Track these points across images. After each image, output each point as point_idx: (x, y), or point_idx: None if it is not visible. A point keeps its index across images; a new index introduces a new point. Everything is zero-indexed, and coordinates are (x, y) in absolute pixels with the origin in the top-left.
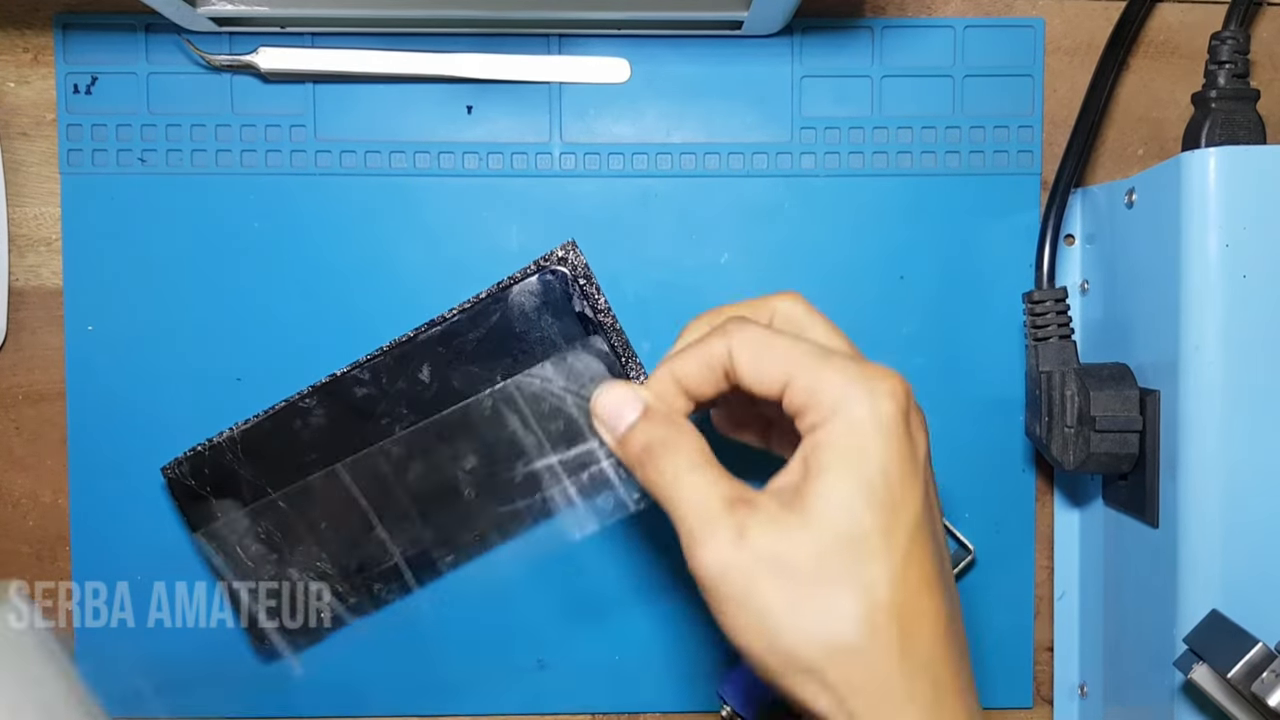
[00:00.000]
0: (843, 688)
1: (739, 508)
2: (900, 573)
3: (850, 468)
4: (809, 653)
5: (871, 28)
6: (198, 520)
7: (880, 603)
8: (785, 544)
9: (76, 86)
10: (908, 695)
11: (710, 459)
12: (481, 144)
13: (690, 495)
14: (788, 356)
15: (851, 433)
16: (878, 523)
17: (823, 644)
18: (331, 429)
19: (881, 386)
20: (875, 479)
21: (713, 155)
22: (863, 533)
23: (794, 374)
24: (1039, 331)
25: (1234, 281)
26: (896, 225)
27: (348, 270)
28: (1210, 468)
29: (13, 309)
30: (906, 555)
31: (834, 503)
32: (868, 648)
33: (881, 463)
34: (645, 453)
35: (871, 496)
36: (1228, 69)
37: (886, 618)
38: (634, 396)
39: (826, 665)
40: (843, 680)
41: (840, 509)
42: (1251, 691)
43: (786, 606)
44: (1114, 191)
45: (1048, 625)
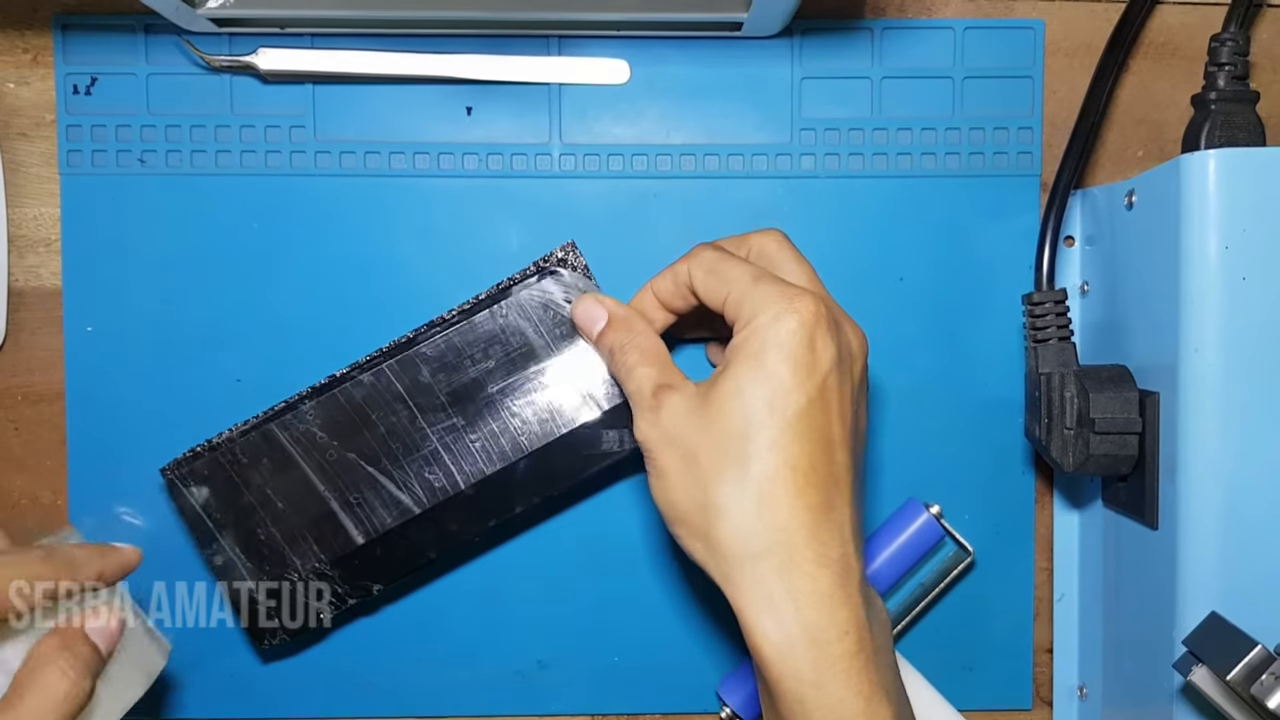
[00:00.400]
0: (711, 540)
1: (662, 393)
2: (765, 455)
3: (747, 366)
4: (688, 509)
5: (871, 29)
6: (197, 521)
7: (747, 475)
8: (685, 423)
9: (76, 87)
10: (762, 552)
11: (657, 356)
12: (481, 145)
13: (635, 384)
14: (729, 277)
15: (755, 338)
16: (756, 413)
17: (698, 503)
18: (330, 430)
19: (792, 305)
20: (763, 377)
21: (712, 156)
22: (744, 420)
23: (731, 290)
24: (1038, 333)
25: (1233, 283)
26: (896, 226)
27: (347, 271)
28: (1210, 470)
29: (12, 309)
30: (773, 443)
31: (725, 392)
32: (731, 510)
33: (773, 365)
34: (611, 352)
35: (756, 391)
36: (1227, 71)
37: (748, 489)
38: (600, 308)
39: (700, 520)
40: (711, 534)
41: (730, 397)
42: (1251, 694)
43: (679, 472)
44: (1114, 193)
45: (1047, 627)
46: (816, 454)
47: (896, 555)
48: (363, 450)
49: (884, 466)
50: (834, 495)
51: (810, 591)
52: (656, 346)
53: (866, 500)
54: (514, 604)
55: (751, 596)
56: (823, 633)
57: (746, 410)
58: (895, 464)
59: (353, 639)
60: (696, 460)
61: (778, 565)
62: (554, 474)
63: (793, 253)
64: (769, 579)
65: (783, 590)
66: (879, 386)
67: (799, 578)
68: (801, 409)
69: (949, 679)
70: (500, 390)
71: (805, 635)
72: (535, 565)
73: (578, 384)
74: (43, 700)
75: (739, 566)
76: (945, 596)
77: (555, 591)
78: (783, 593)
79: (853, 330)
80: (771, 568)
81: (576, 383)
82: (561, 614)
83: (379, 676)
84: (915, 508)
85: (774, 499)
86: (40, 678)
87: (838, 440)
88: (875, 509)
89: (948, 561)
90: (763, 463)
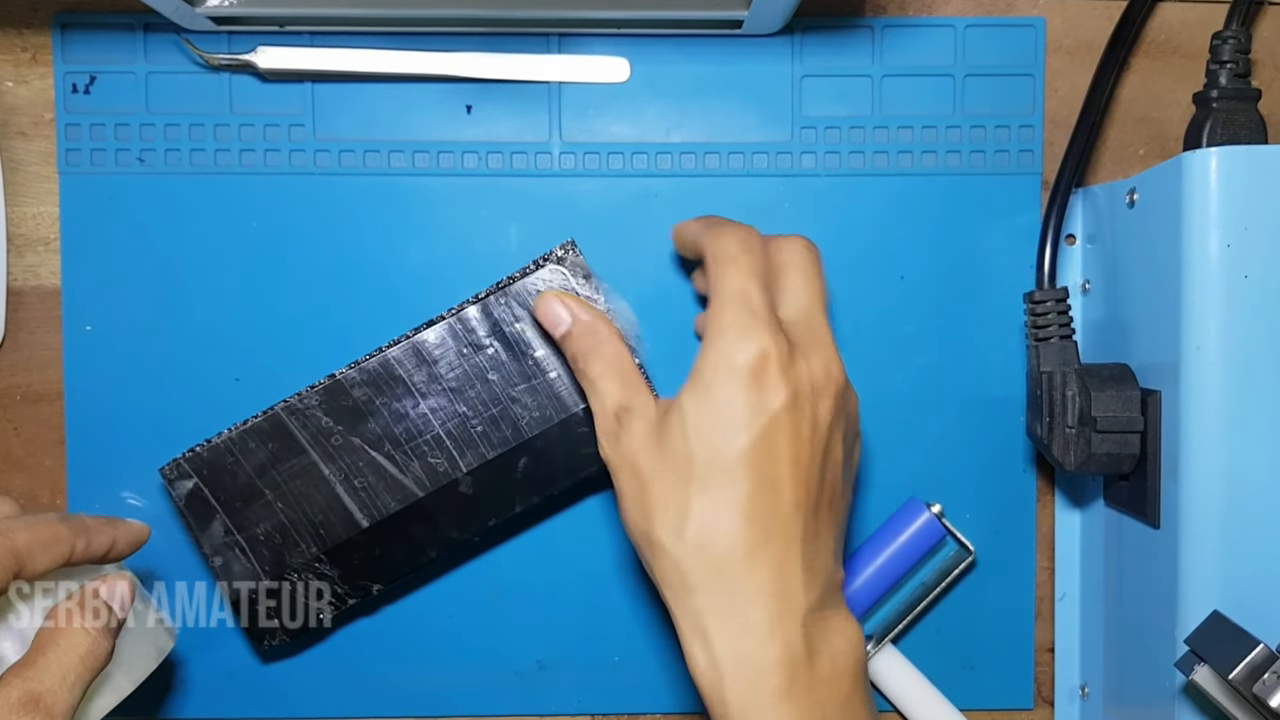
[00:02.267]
0: (653, 569)
1: (624, 416)
2: (704, 493)
3: (695, 397)
4: (639, 535)
5: (872, 27)
6: (196, 522)
7: (686, 512)
8: (641, 449)
9: (75, 86)
10: (696, 586)
11: (619, 368)
12: (481, 143)
13: (598, 400)
14: (718, 281)
15: (709, 366)
16: (699, 450)
17: (643, 532)
18: (335, 415)
19: (746, 339)
20: (709, 411)
21: (713, 155)
22: (687, 455)
23: (712, 297)
24: (1040, 332)
25: (1235, 282)
26: (897, 225)
27: (346, 270)
28: (1211, 468)
29: (11, 309)
30: (713, 482)
31: (674, 423)
32: (668, 546)
33: (720, 399)
34: (573, 358)
35: (701, 425)
36: (1229, 69)
37: (686, 526)
38: (564, 311)
39: (645, 549)
40: (653, 564)
41: (677, 429)
42: (1253, 693)
43: (633, 498)
44: (1115, 191)
45: (1048, 626)
46: (757, 494)
47: (897, 555)
48: (366, 435)
49: (884, 466)
50: (774, 533)
51: (742, 625)
52: (619, 356)
53: (867, 500)
54: (514, 604)
55: (687, 626)
56: (752, 665)
57: (690, 446)
58: (896, 463)
59: (353, 639)
60: (649, 489)
61: (711, 598)
62: (553, 473)
63: (802, 268)
64: (704, 611)
65: (715, 623)
66: (880, 385)
67: (731, 612)
68: (743, 450)
69: (950, 678)
70: (501, 378)
71: (735, 667)
72: (535, 565)
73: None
74: (65, 656)
75: (676, 597)
76: (946, 596)
77: (555, 591)
78: (715, 625)
79: (824, 365)
80: (705, 600)
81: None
82: (561, 614)
83: (379, 676)
84: (916, 507)
85: (711, 536)
86: (62, 635)
87: (786, 480)
88: (876, 509)
89: (948, 561)
90: (701, 500)
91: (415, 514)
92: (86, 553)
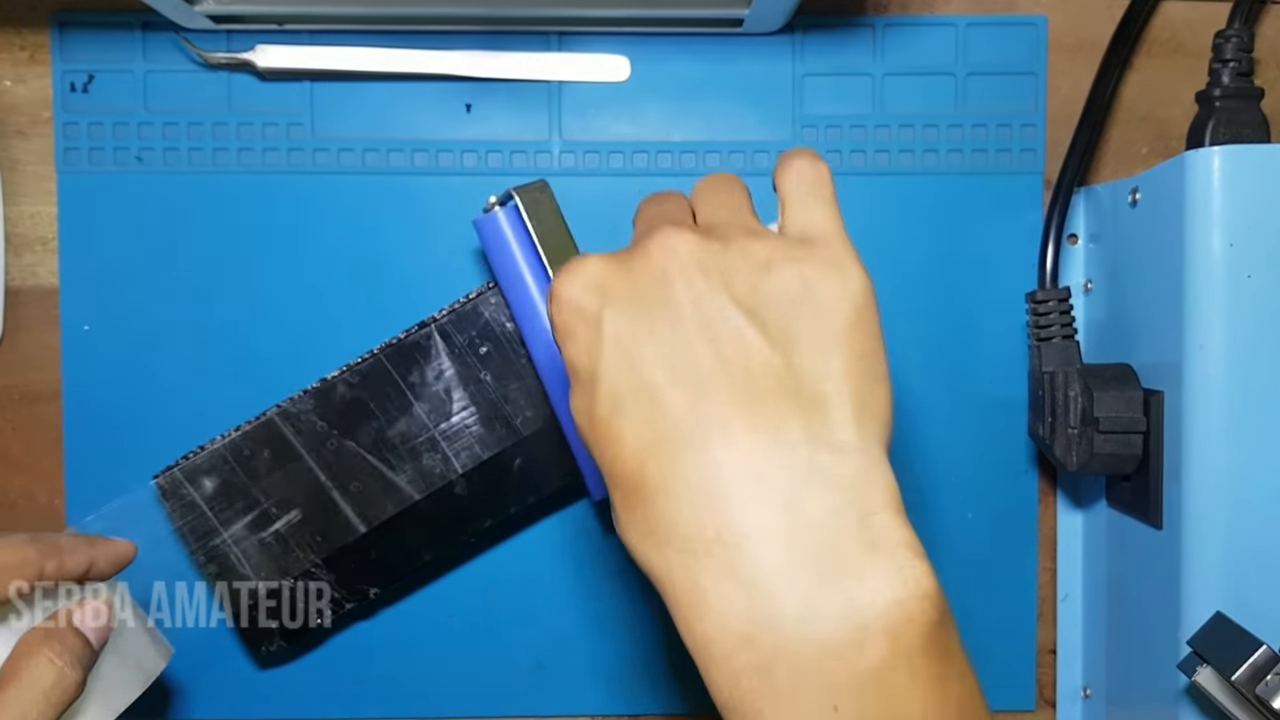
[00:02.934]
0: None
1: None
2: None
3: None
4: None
5: (873, 25)
6: (191, 530)
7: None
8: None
9: (73, 85)
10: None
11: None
12: (480, 142)
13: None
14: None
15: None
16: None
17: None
18: (324, 434)
19: (556, 284)
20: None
21: (713, 154)
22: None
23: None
24: (1042, 331)
25: (1238, 281)
26: (898, 224)
27: (345, 269)
28: (1214, 469)
29: (9, 308)
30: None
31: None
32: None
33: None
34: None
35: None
36: (1232, 67)
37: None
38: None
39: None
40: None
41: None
42: (1256, 694)
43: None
44: (1118, 191)
45: (1051, 627)
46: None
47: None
48: (361, 438)
49: None
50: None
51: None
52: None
53: None
54: (512, 605)
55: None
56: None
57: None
58: (896, 463)
59: (352, 640)
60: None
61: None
62: (548, 471)
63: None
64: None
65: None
66: None
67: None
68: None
69: None
70: (494, 377)
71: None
72: (532, 566)
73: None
74: (30, 688)
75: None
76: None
77: (553, 592)
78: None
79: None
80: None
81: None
82: (560, 614)
83: (378, 677)
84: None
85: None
86: (27, 665)
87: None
88: None
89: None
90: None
91: (411, 517)
92: (59, 574)
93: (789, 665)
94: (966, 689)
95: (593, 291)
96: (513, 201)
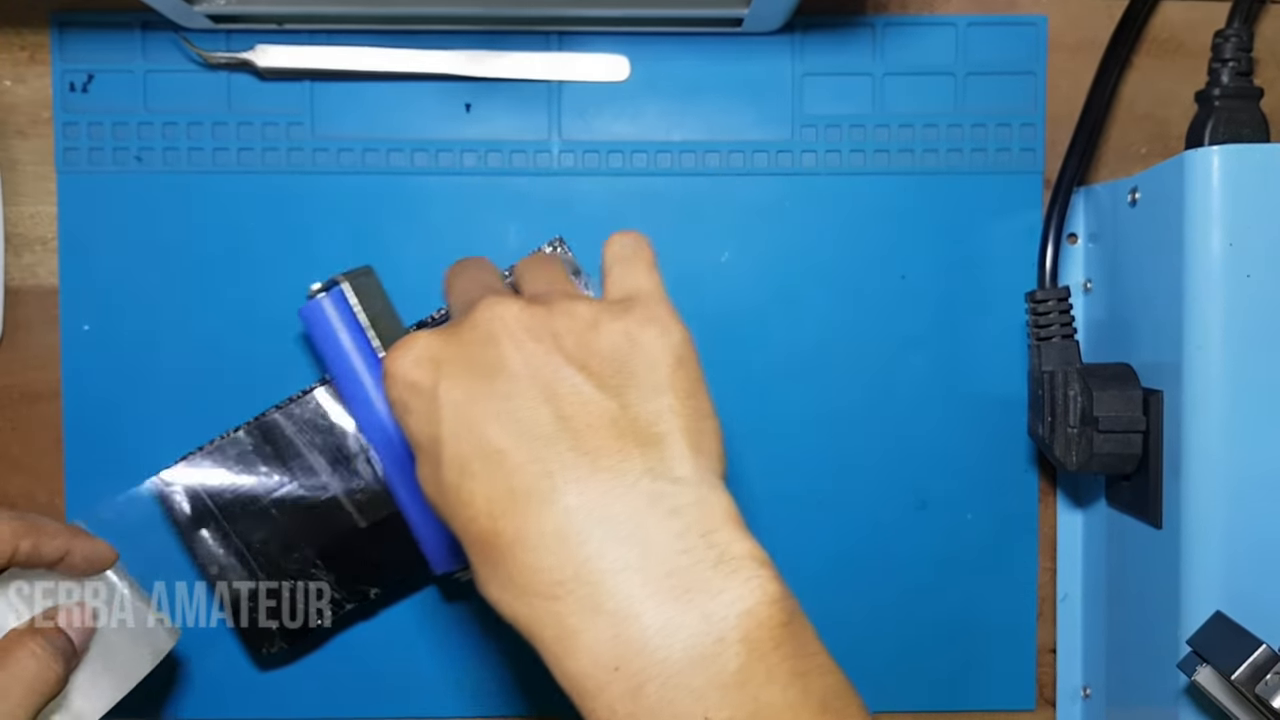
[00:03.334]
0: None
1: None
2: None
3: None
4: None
5: (873, 25)
6: (191, 530)
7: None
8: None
9: (73, 85)
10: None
11: None
12: (480, 142)
13: None
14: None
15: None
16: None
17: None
18: (327, 431)
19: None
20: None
21: (713, 154)
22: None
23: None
24: (1042, 331)
25: (1237, 280)
26: (898, 224)
27: (345, 269)
28: (1214, 468)
29: (9, 308)
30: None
31: None
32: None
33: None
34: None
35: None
36: (1231, 67)
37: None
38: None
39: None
40: None
41: None
42: (1255, 694)
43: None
44: (1117, 190)
45: (1050, 627)
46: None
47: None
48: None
49: (885, 466)
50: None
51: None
52: None
53: (867, 501)
54: None
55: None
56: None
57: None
58: (896, 463)
59: (352, 640)
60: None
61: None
62: None
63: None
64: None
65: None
66: (880, 384)
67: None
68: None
69: (950, 679)
70: None
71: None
72: None
73: None
74: (11, 680)
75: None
76: (947, 596)
77: None
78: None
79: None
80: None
81: None
82: None
83: (379, 677)
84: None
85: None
86: (9, 658)
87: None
88: (876, 509)
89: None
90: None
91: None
92: (33, 555)
93: (658, 684)
94: (828, 681)
95: (426, 365)
96: (338, 287)
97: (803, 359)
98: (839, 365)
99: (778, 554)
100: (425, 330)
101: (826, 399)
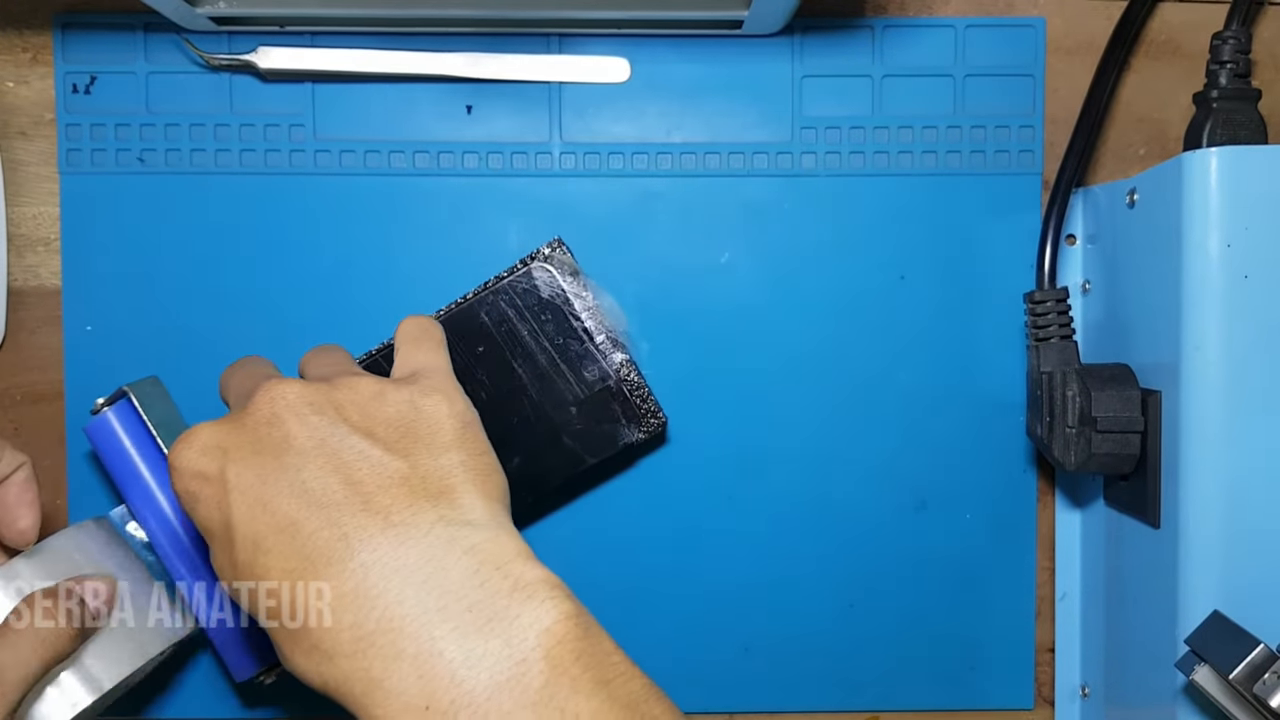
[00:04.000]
0: None
1: None
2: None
3: None
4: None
5: (872, 27)
6: None
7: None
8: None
9: (75, 86)
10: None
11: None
12: (481, 144)
13: None
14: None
15: None
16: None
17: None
18: None
19: (172, 456)
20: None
21: (713, 155)
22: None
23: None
24: (1040, 332)
25: (1235, 282)
26: (897, 225)
27: (346, 271)
28: (1212, 468)
29: (11, 309)
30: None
31: None
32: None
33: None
34: None
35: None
36: (1229, 69)
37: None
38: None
39: None
40: None
41: None
42: (1253, 693)
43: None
44: (1115, 191)
45: (1049, 626)
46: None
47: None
48: None
49: (885, 466)
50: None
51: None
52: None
53: (866, 502)
54: None
55: None
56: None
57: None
58: (896, 463)
59: None
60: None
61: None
62: (544, 472)
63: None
64: None
65: None
66: (880, 385)
67: None
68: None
69: (950, 678)
70: (489, 379)
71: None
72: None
73: (564, 371)
74: (28, 632)
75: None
76: (946, 596)
77: None
78: None
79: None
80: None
81: (562, 370)
82: None
83: None
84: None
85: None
86: (23, 614)
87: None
88: (876, 510)
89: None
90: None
91: None
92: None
93: (469, 713)
94: (632, 687)
95: (210, 454)
96: (125, 398)
97: (802, 360)
98: (838, 366)
99: (776, 556)
100: (205, 422)
101: (826, 399)
